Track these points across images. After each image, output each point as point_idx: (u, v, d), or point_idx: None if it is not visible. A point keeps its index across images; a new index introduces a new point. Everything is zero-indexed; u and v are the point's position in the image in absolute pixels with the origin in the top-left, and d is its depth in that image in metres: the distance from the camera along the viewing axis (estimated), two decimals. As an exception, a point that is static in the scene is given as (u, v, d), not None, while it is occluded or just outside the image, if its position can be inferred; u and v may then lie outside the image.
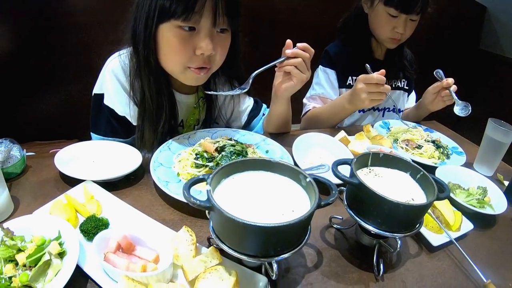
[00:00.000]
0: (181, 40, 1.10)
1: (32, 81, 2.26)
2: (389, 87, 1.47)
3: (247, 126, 1.63)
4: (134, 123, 1.31)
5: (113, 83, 1.29)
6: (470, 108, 1.62)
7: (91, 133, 1.39)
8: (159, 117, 1.27)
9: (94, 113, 1.35)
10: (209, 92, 1.36)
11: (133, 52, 1.22)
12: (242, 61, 1.43)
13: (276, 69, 1.33)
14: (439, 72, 1.71)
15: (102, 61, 1.36)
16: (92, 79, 1.38)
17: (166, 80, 1.28)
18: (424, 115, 1.90)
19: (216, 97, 1.49)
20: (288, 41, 1.27)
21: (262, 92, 1.57)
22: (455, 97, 1.65)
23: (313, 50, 1.28)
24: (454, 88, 1.67)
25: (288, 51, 1.26)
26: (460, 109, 1.64)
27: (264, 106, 1.67)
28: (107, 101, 1.30)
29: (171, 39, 1.10)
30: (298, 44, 1.27)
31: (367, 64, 1.54)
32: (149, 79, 1.22)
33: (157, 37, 1.13)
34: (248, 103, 1.61)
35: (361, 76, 1.49)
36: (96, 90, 1.34)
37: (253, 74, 1.29)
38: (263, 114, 1.63)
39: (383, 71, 1.45)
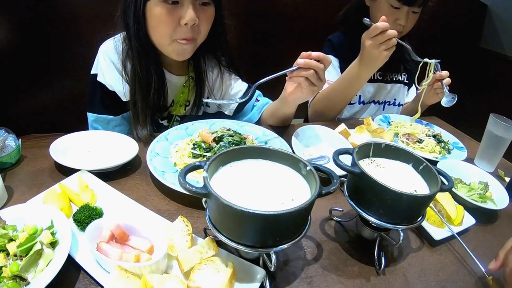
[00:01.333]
0: (166, 12, 1.18)
1: (28, 74, 2.23)
2: (394, 31, 1.40)
3: (239, 111, 1.62)
4: (124, 99, 1.39)
5: (106, 62, 1.37)
6: (456, 99, 1.61)
7: (87, 113, 1.43)
8: (148, 92, 1.35)
9: (90, 91, 1.42)
10: (206, 100, 1.42)
11: (125, 32, 1.31)
12: (243, 55, 1.43)
13: (287, 78, 1.29)
14: (436, 65, 1.70)
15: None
16: (89, 72, 1.42)
17: (156, 58, 1.35)
18: (421, 109, 1.88)
19: (206, 78, 1.51)
20: (304, 53, 1.22)
21: (269, 91, 1.55)
22: (446, 90, 1.63)
23: (330, 60, 1.24)
24: (447, 81, 1.66)
25: (300, 60, 1.21)
26: (447, 101, 1.63)
27: (258, 92, 1.65)
28: (100, 78, 1.38)
29: (157, 13, 1.19)
30: (313, 54, 1.21)
31: (365, 18, 1.48)
32: (139, 55, 1.29)
33: (145, 13, 1.22)
34: (239, 87, 1.60)
35: (365, 34, 1.45)
36: (92, 70, 1.41)
37: (255, 84, 1.26)
38: (257, 100, 1.62)
39: (383, 17, 1.41)
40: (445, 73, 1.66)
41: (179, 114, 1.52)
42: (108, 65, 1.36)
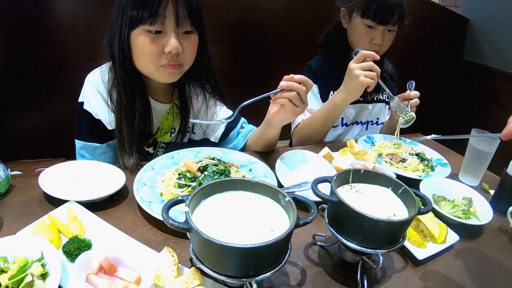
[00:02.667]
0: (150, 41, 1.22)
1: (17, 97, 2.26)
2: (378, 68, 1.51)
3: (225, 138, 1.65)
4: (109, 127, 1.41)
5: (92, 91, 1.39)
6: (412, 121, 1.65)
7: (75, 140, 1.45)
8: (134, 119, 1.37)
9: (77, 119, 1.44)
10: (193, 121, 1.47)
11: (110, 63, 1.34)
12: (230, 78, 1.46)
13: (270, 100, 1.33)
14: (410, 83, 1.74)
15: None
16: (76, 97, 1.44)
17: (141, 86, 1.39)
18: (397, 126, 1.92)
19: (191, 106, 1.54)
20: (287, 76, 1.26)
21: (254, 115, 1.59)
22: (408, 109, 1.65)
23: (311, 83, 1.28)
24: (415, 101, 1.69)
25: (283, 83, 1.25)
26: (403, 121, 1.66)
27: (243, 119, 1.68)
28: (86, 107, 1.40)
29: (141, 42, 1.23)
30: (296, 76, 1.25)
31: (357, 48, 1.58)
32: (124, 84, 1.33)
33: (130, 43, 1.26)
34: (224, 114, 1.62)
35: (352, 60, 1.54)
36: (80, 98, 1.43)
37: (240, 106, 1.31)
38: (242, 127, 1.65)
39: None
40: (414, 93, 1.69)
41: (164, 141, 1.54)
42: (94, 94, 1.39)
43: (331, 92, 1.87)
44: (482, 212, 1.25)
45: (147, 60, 1.28)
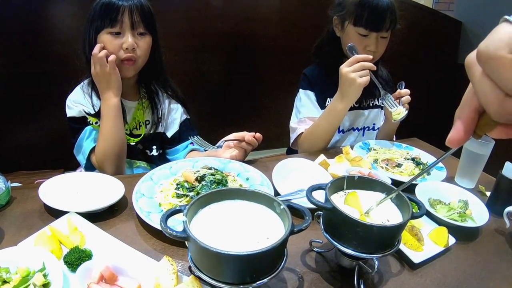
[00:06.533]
0: (111, 41, 1.48)
1: (16, 110, 2.28)
2: (372, 65, 1.55)
3: (173, 143, 1.81)
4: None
5: (74, 103, 1.60)
6: (403, 115, 1.69)
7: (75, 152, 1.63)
8: None
9: (70, 133, 1.64)
10: (193, 140, 1.63)
11: (86, 66, 1.55)
12: (225, 87, 1.49)
13: (234, 143, 1.56)
14: (401, 84, 1.77)
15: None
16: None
17: None
18: (392, 130, 1.94)
19: (159, 100, 1.76)
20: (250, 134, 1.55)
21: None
22: (398, 104, 1.71)
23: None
24: (406, 99, 1.72)
25: (250, 138, 1.54)
26: (394, 114, 1.70)
27: (193, 138, 1.77)
28: (68, 113, 1.61)
29: (105, 41, 1.48)
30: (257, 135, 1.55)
31: (351, 44, 1.62)
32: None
33: (97, 42, 1.50)
34: (180, 112, 1.83)
35: (343, 64, 1.57)
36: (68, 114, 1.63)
37: (224, 139, 1.58)
38: (192, 144, 1.77)
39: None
40: (405, 91, 1.73)
41: (140, 133, 1.72)
42: (75, 103, 1.60)
43: (328, 99, 1.89)
44: (478, 214, 1.26)
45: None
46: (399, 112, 1.67)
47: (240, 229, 0.80)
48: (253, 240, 0.76)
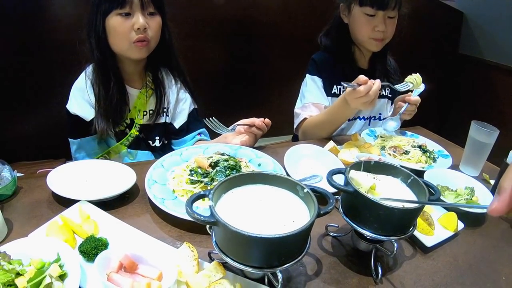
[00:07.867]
0: (121, 22, 1.44)
1: (14, 99, 2.25)
2: (376, 90, 1.48)
3: (181, 134, 1.78)
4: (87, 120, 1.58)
5: (78, 91, 1.58)
6: (398, 126, 1.74)
7: (69, 139, 1.63)
8: (111, 101, 1.56)
9: (67, 123, 1.63)
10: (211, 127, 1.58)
11: (90, 52, 1.51)
12: (224, 73, 1.47)
13: (244, 129, 1.55)
14: (417, 91, 1.77)
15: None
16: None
17: (117, 73, 1.57)
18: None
19: (165, 90, 1.72)
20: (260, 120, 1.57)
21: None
22: (401, 111, 1.74)
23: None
24: (413, 107, 1.75)
25: (259, 123, 1.55)
26: (389, 126, 1.75)
27: (204, 130, 1.79)
28: (68, 106, 1.59)
29: (115, 23, 1.45)
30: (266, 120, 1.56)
31: (343, 84, 1.54)
32: (103, 70, 1.53)
33: (105, 27, 1.47)
34: (189, 102, 1.80)
35: (348, 94, 1.52)
36: (67, 105, 1.61)
37: (236, 123, 1.56)
38: (200, 134, 1.77)
39: (365, 78, 1.47)
40: (415, 99, 1.74)
41: (139, 123, 1.68)
42: (77, 94, 1.58)
43: (335, 86, 1.89)
44: (484, 201, 1.29)
45: (120, 38, 1.48)
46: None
47: (265, 213, 0.80)
48: (280, 223, 0.76)
